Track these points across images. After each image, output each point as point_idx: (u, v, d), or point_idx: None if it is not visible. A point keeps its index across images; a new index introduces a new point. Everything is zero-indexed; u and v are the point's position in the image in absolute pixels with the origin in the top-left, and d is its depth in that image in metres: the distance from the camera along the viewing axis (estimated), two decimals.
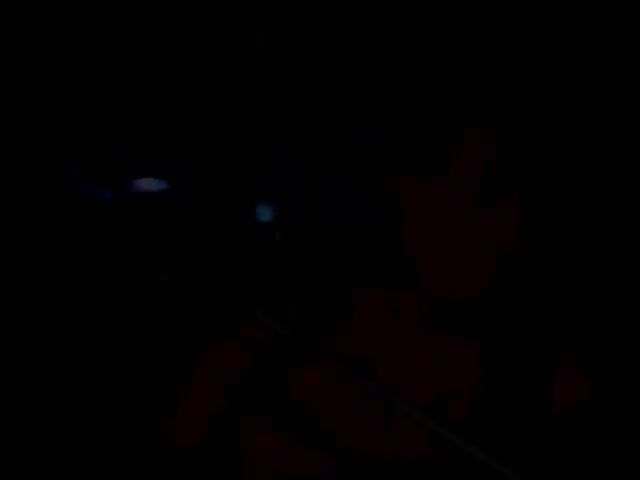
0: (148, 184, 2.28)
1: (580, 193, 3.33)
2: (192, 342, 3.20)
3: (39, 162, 3.39)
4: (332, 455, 2.43)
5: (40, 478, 3.12)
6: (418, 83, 3.57)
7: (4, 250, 3.41)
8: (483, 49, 3.56)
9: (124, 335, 3.37)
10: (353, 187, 3.49)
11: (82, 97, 3.50)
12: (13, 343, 3.37)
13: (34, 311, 3.39)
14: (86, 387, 3.31)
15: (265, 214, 2.43)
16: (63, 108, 3.51)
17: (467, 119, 3.50)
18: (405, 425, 2.12)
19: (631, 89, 3.28)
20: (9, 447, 3.21)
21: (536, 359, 2.70)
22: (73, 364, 3.35)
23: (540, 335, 2.79)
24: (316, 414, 2.49)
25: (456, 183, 3.19)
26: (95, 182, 2.78)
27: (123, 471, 3.03)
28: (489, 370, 2.59)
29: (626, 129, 3.34)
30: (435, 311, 2.60)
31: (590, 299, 3.22)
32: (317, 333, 2.38)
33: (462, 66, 3.58)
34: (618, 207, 3.29)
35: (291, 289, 3.14)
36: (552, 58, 3.43)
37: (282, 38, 3.64)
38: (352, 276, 2.92)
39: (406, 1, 3.61)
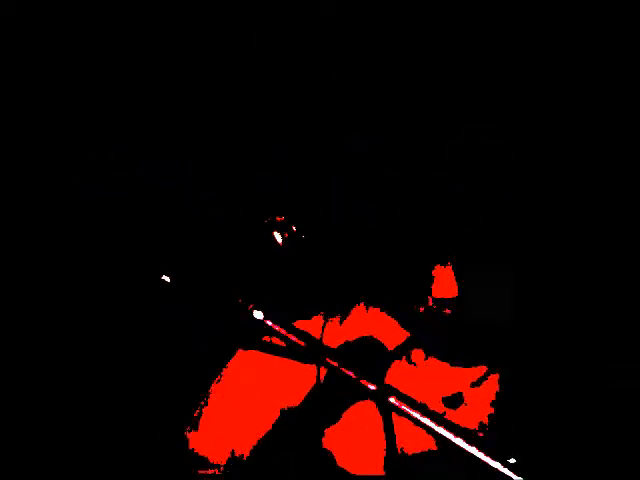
0: None
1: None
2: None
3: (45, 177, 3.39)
4: None
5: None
6: (418, 82, 3.57)
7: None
8: (483, 49, 3.56)
9: (124, 339, 3.36)
10: (353, 187, 3.48)
11: (82, 97, 3.50)
12: (13, 346, 3.37)
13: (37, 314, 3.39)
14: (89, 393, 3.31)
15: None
16: (63, 109, 3.51)
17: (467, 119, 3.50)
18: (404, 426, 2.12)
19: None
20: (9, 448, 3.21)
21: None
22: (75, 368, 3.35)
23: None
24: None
25: None
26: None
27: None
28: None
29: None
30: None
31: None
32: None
33: (463, 66, 3.58)
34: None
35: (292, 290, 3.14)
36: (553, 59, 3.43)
37: (281, 38, 3.63)
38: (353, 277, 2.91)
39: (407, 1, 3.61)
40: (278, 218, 2.25)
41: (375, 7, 3.64)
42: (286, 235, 2.25)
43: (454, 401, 2.49)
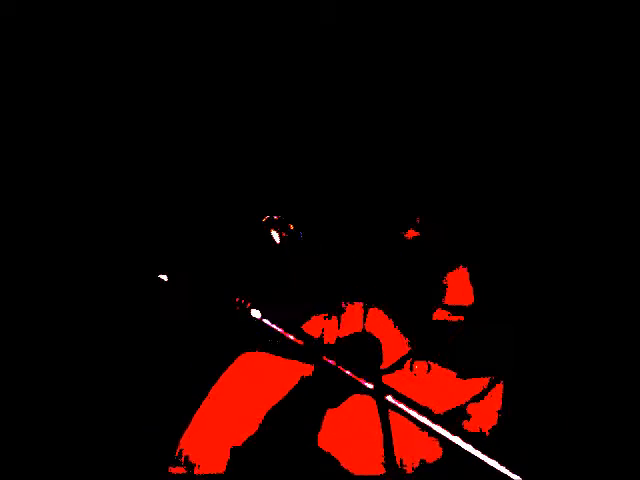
0: None
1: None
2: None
3: None
4: None
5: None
6: (419, 83, 3.57)
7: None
8: (483, 52, 3.56)
9: (123, 339, 3.36)
10: (352, 187, 3.49)
11: (82, 97, 3.50)
12: (13, 346, 3.37)
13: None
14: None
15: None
16: (63, 109, 3.51)
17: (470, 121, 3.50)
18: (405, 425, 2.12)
19: None
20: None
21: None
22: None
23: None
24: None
25: None
26: None
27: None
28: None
29: None
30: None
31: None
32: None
33: (463, 67, 3.57)
34: None
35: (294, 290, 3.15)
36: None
37: (282, 44, 3.63)
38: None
39: (407, 7, 3.61)
40: (276, 217, 2.25)
41: (375, 13, 3.64)
42: (283, 234, 2.24)
43: (456, 415, 2.49)
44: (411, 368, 2.53)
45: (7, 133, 3.44)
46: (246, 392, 2.50)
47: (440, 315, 2.47)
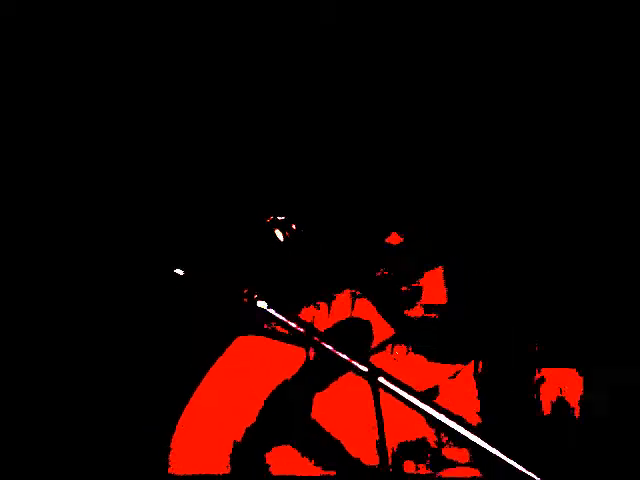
0: None
1: None
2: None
3: None
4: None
5: None
6: (419, 84, 3.58)
7: None
8: (482, 57, 3.57)
9: (128, 336, 3.36)
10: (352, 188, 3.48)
11: (82, 97, 3.50)
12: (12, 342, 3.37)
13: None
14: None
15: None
16: (63, 109, 3.52)
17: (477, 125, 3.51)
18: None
19: None
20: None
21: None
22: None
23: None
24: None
25: None
26: None
27: None
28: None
29: None
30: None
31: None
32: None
33: (467, 72, 3.59)
34: None
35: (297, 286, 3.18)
36: None
37: (281, 44, 3.64)
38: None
39: (408, 7, 3.62)
40: (280, 217, 2.35)
41: (375, 13, 3.65)
42: (287, 234, 2.34)
43: (431, 393, 2.60)
44: (392, 351, 2.68)
45: (8, 133, 3.44)
46: (243, 378, 2.56)
47: (416, 312, 2.60)
